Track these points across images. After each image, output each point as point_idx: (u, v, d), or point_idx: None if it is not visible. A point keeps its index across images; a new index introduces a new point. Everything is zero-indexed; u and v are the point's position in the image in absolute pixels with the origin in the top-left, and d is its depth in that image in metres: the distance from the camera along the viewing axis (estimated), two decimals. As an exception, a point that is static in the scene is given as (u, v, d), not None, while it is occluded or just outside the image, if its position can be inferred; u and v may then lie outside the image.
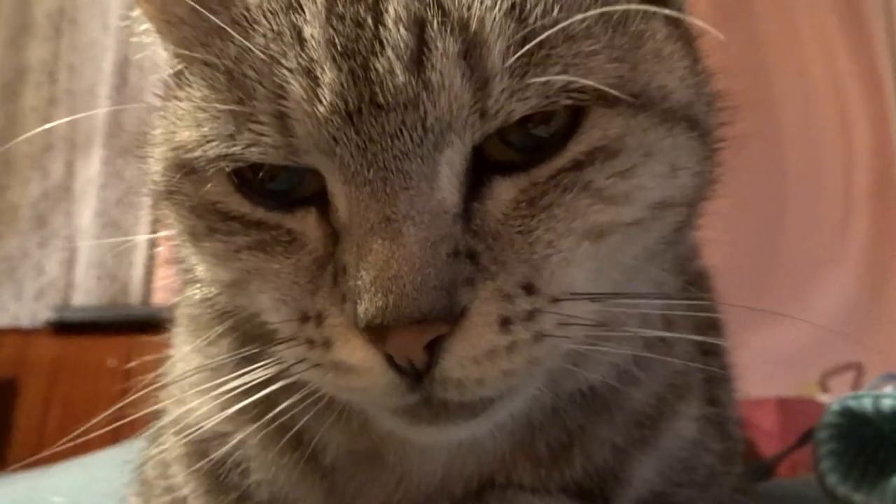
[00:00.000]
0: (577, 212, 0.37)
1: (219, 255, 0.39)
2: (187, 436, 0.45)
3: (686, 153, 0.40)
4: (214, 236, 0.39)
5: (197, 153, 0.38)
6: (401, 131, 0.35)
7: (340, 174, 0.35)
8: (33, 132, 1.84)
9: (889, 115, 2.20)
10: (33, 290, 2.25)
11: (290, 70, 0.35)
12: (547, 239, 0.36)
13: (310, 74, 0.35)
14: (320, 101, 0.35)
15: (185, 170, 0.39)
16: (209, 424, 0.43)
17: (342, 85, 0.35)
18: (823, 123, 2.23)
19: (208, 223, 0.39)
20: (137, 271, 2.26)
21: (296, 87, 0.35)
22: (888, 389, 0.52)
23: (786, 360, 1.77)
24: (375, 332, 0.33)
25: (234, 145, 0.36)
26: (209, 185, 0.38)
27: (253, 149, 0.36)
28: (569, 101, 0.35)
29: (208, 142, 0.37)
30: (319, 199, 0.37)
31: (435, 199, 0.35)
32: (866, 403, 0.48)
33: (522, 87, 0.35)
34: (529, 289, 0.35)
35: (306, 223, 0.37)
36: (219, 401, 0.41)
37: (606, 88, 0.35)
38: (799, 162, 2.17)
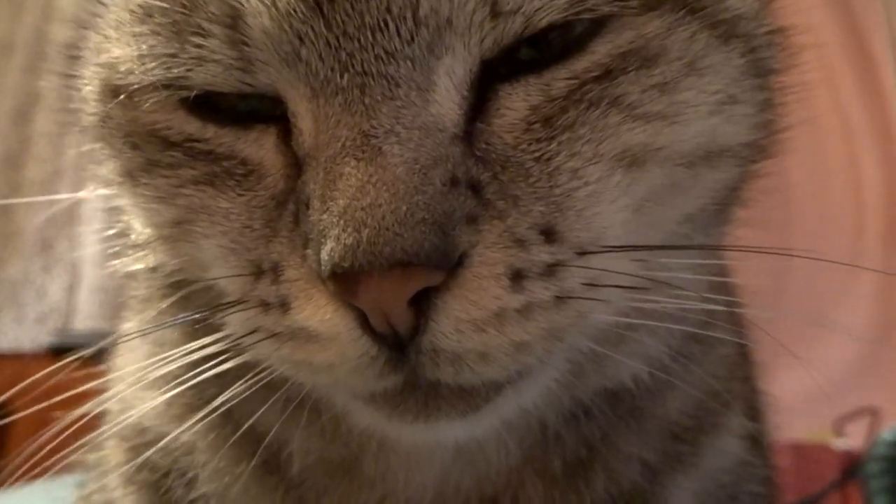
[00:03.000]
0: (607, 131, 0.29)
1: (160, 193, 0.32)
2: (128, 441, 0.39)
3: (744, 84, 0.32)
4: (154, 171, 0.32)
5: (132, 78, 0.31)
6: (385, 23, 0.27)
7: (306, 87, 0.28)
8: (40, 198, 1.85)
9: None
10: (35, 314, 2.23)
11: None
12: (570, 167, 0.28)
13: None
14: None
15: (120, 94, 0.33)
16: (151, 423, 0.36)
17: None
18: (832, 165, 2.22)
19: (147, 155, 0.32)
20: (140, 298, 2.25)
21: None
22: None
23: (798, 405, 1.73)
24: (344, 281, 0.25)
25: (175, 67, 0.29)
26: (147, 104, 0.31)
27: (199, 70, 0.29)
28: (608, 9, 0.28)
29: (144, 63, 0.31)
30: (279, 124, 0.30)
31: (428, 113, 0.28)
32: None
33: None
34: (549, 234, 0.27)
35: (263, 148, 0.30)
36: (164, 395, 0.34)
37: None
38: (808, 204, 2.16)
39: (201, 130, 0.31)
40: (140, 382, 0.37)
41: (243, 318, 0.29)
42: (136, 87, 0.32)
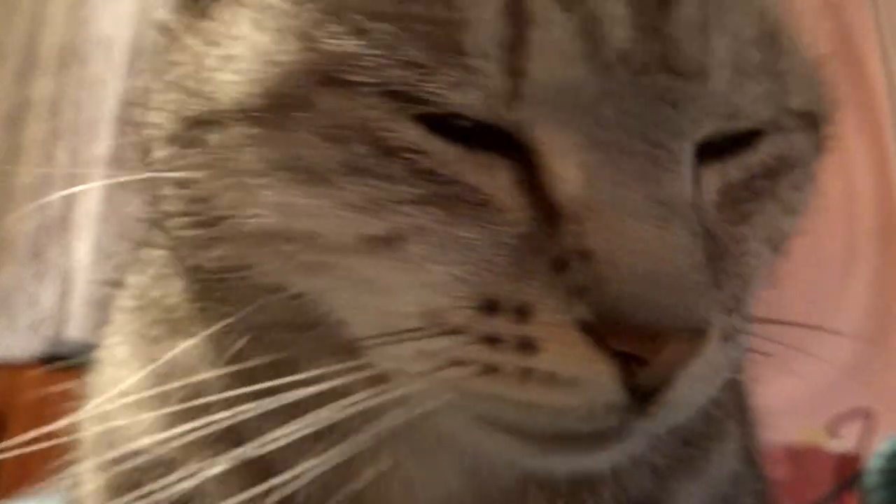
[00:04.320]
0: (771, 220, 0.34)
1: (363, 202, 0.29)
2: (111, 464, 0.37)
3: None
4: (360, 177, 0.29)
5: (360, 75, 0.28)
6: (682, 104, 0.29)
7: (584, 138, 0.28)
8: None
9: (890, 158, 2.20)
10: (27, 322, 2.22)
11: None
12: (754, 248, 0.33)
13: (588, 5, 0.28)
14: (604, 42, 0.28)
15: (332, 84, 0.29)
16: (149, 445, 0.35)
17: (635, 30, 0.28)
18: (824, 168, 2.23)
19: (352, 156, 0.29)
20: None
21: (559, 16, 0.27)
22: None
23: (792, 407, 1.73)
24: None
25: (426, 82, 0.27)
26: (367, 100, 0.28)
27: (453, 93, 0.27)
28: (789, 122, 0.34)
29: (382, 65, 0.28)
30: (512, 157, 0.29)
31: (686, 186, 0.29)
32: None
33: (769, 95, 0.31)
34: (737, 303, 0.31)
35: (495, 179, 0.29)
36: (171, 415, 0.34)
37: (814, 109, 0.36)
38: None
39: (426, 143, 0.29)
40: (131, 399, 0.36)
41: (445, 347, 0.28)
42: (361, 83, 0.29)
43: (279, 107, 0.30)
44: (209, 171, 0.32)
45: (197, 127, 0.32)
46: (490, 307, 0.28)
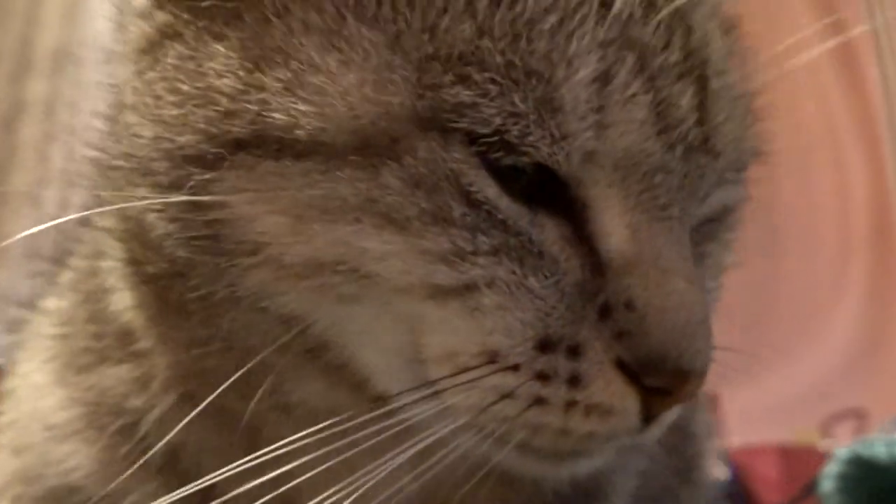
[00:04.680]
0: (718, 259, 0.40)
1: (443, 251, 0.30)
2: (38, 501, 0.37)
3: None
4: (443, 227, 0.30)
5: (463, 122, 0.30)
6: (705, 176, 0.35)
7: (629, 199, 0.32)
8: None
9: (885, 157, 2.21)
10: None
11: (674, 66, 0.32)
12: (709, 286, 0.38)
13: (682, 81, 0.33)
14: (673, 123, 0.32)
15: (428, 126, 0.30)
16: (83, 482, 0.36)
17: (696, 112, 0.33)
18: (819, 167, 2.24)
19: (437, 206, 0.30)
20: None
21: (642, 93, 0.31)
22: None
23: (785, 406, 1.73)
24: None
25: (524, 135, 0.30)
26: (459, 153, 0.30)
27: (540, 147, 0.30)
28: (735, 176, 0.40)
29: (482, 113, 0.30)
30: (562, 210, 0.32)
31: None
32: (879, 450, 0.45)
33: (738, 174, 0.39)
34: None
35: (545, 231, 0.32)
36: (108, 447, 0.35)
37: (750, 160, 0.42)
38: (794, 206, 2.17)
39: (499, 198, 0.32)
40: (59, 432, 0.37)
41: (497, 383, 0.31)
42: (464, 132, 0.31)
43: (366, 148, 0.31)
44: (251, 196, 0.32)
45: (240, 149, 0.32)
46: (545, 347, 0.32)
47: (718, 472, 1.38)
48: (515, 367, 0.31)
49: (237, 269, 0.33)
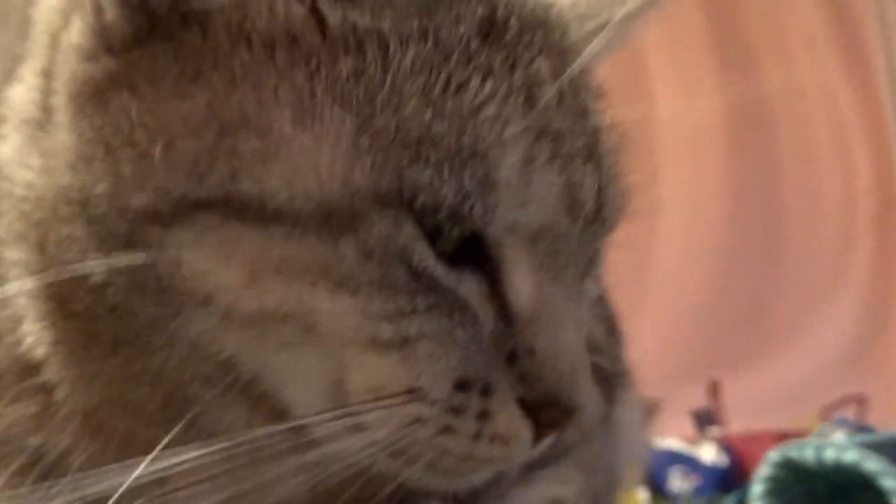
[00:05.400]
0: (593, 295, 0.46)
1: (387, 312, 0.34)
2: None
3: None
4: (390, 292, 0.34)
5: (424, 198, 0.34)
6: (596, 240, 0.41)
7: (540, 262, 0.37)
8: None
9: (890, 142, 2.19)
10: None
11: (580, 150, 0.38)
12: (588, 320, 0.44)
13: (587, 165, 0.38)
14: (579, 202, 0.38)
15: (386, 203, 0.34)
16: None
17: (595, 192, 0.39)
18: (822, 151, 2.22)
19: (389, 275, 0.34)
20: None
21: (556, 177, 0.37)
22: (837, 437, 0.48)
23: (786, 393, 1.73)
24: (553, 412, 0.37)
25: (468, 207, 0.35)
26: (405, 227, 0.34)
27: (482, 215, 0.35)
28: None
29: (440, 192, 0.34)
30: (479, 269, 0.37)
31: None
32: (808, 454, 0.44)
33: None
34: None
35: (468, 288, 0.36)
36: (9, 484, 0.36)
37: None
38: (798, 191, 2.16)
39: (436, 266, 0.35)
40: None
41: (415, 412, 0.36)
42: (419, 209, 0.34)
43: (329, 219, 0.33)
44: (206, 252, 0.34)
45: (200, 209, 0.33)
46: (462, 386, 0.36)
47: (718, 458, 1.38)
48: (433, 401, 0.36)
49: (181, 316, 0.34)
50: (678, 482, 1.43)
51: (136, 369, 0.36)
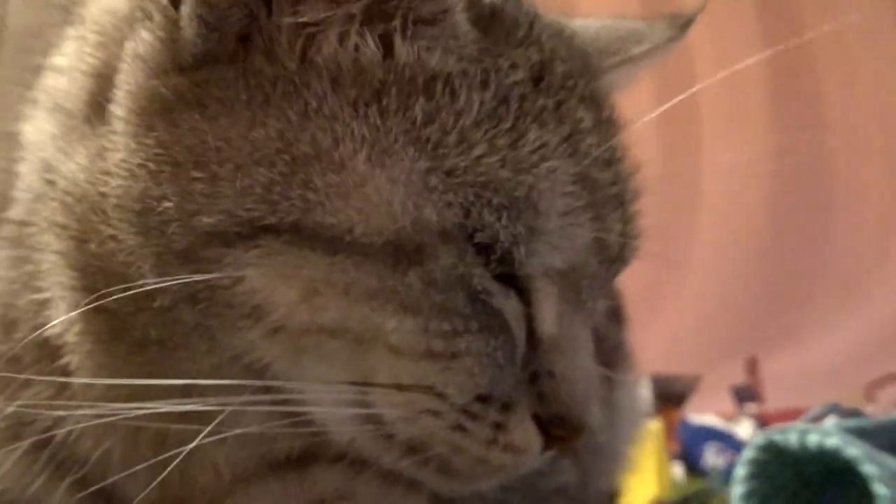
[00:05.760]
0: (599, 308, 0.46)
1: (445, 333, 0.37)
2: None
3: None
4: (449, 315, 0.36)
5: (483, 235, 0.36)
6: (615, 276, 0.44)
7: (564, 294, 0.40)
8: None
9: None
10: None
11: (611, 199, 0.40)
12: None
13: (616, 212, 0.41)
14: (612, 241, 0.41)
15: (450, 238, 0.36)
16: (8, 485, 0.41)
17: (621, 240, 0.41)
18: (869, 121, 2.15)
19: (450, 301, 0.36)
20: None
21: (612, 218, 0.40)
22: (828, 422, 0.45)
23: (830, 370, 1.71)
24: (566, 428, 0.39)
25: (516, 247, 0.37)
26: (468, 259, 0.36)
27: (527, 255, 0.37)
28: None
29: (498, 230, 0.36)
30: (515, 297, 0.39)
31: None
32: (791, 438, 0.42)
33: None
34: None
35: (508, 313, 0.38)
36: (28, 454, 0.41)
37: None
38: (844, 165, 2.11)
39: (492, 285, 0.37)
40: None
41: (429, 405, 0.38)
42: (480, 244, 0.37)
43: (398, 251, 0.35)
44: (266, 271, 0.35)
45: (268, 233, 0.34)
46: (483, 399, 0.38)
47: (754, 434, 1.38)
48: (452, 404, 0.38)
49: (229, 327, 0.35)
50: (712, 458, 1.43)
51: (160, 369, 0.37)
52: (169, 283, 0.34)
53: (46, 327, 0.39)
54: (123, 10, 0.38)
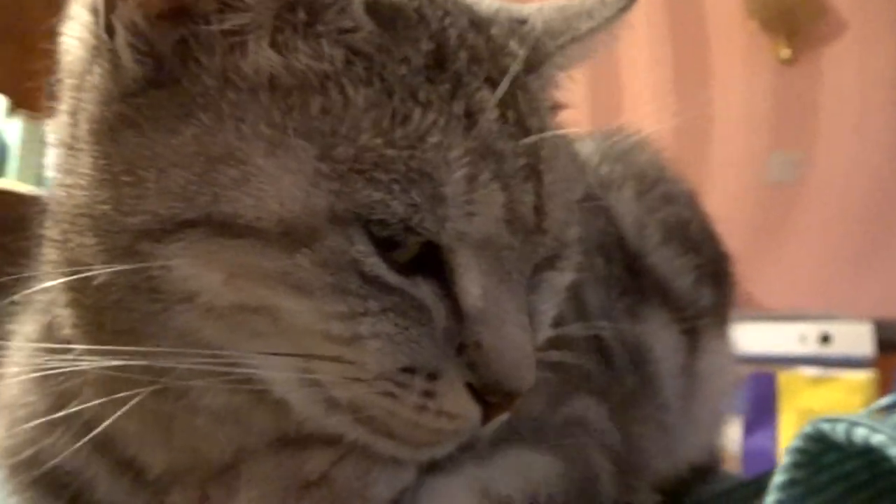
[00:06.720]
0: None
1: (342, 315, 0.40)
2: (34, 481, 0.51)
3: None
4: (343, 296, 0.40)
5: (378, 212, 0.39)
6: (537, 249, 0.45)
7: (487, 267, 0.43)
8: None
9: None
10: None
11: (519, 170, 0.43)
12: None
13: (526, 183, 0.43)
14: (519, 216, 0.43)
15: (339, 221, 0.39)
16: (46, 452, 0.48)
17: (533, 210, 0.44)
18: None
19: (341, 282, 0.40)
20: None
21: (499, 193, 0.42)
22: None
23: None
24: (502, 394, 0.42)
25: (412, 215, 0.40)
26: (356, 244, 0.40)
27: (433, 227, 0.40)
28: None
29: (393, 208, 0.39)
30: (433, 274, 0.42)
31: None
32: (839, 430, 0.38)
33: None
34: None
35: (422, 291, 0.42)
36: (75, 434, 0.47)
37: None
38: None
39: (388, 274, 0.41)
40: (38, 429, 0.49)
41: (351, 371, 0.42)
42: (369, 222, 0.40)
43: (288, 235, 0.39)
44: (191, 260, 0.40)
45: (186, 227, 0.40)
46: (407, 370, 0.41)
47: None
48: (378, 374, 0.41)
49: (169, 311, 0.41)
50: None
51: (132, 353, 0.42)
52: (108, 274, 0.41)
53: (54, 322, 0.47)
54: (86, 54, 0.44)
